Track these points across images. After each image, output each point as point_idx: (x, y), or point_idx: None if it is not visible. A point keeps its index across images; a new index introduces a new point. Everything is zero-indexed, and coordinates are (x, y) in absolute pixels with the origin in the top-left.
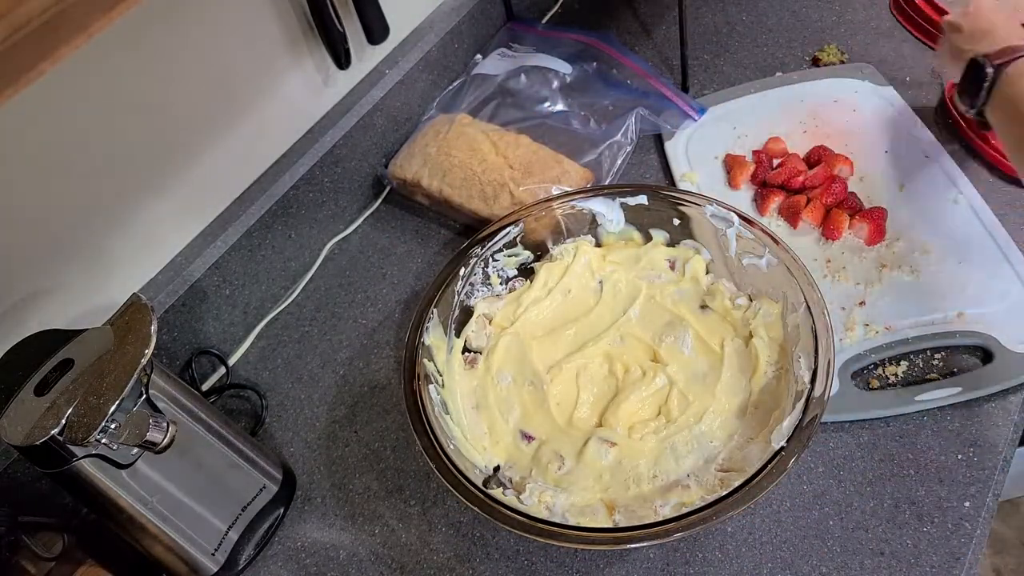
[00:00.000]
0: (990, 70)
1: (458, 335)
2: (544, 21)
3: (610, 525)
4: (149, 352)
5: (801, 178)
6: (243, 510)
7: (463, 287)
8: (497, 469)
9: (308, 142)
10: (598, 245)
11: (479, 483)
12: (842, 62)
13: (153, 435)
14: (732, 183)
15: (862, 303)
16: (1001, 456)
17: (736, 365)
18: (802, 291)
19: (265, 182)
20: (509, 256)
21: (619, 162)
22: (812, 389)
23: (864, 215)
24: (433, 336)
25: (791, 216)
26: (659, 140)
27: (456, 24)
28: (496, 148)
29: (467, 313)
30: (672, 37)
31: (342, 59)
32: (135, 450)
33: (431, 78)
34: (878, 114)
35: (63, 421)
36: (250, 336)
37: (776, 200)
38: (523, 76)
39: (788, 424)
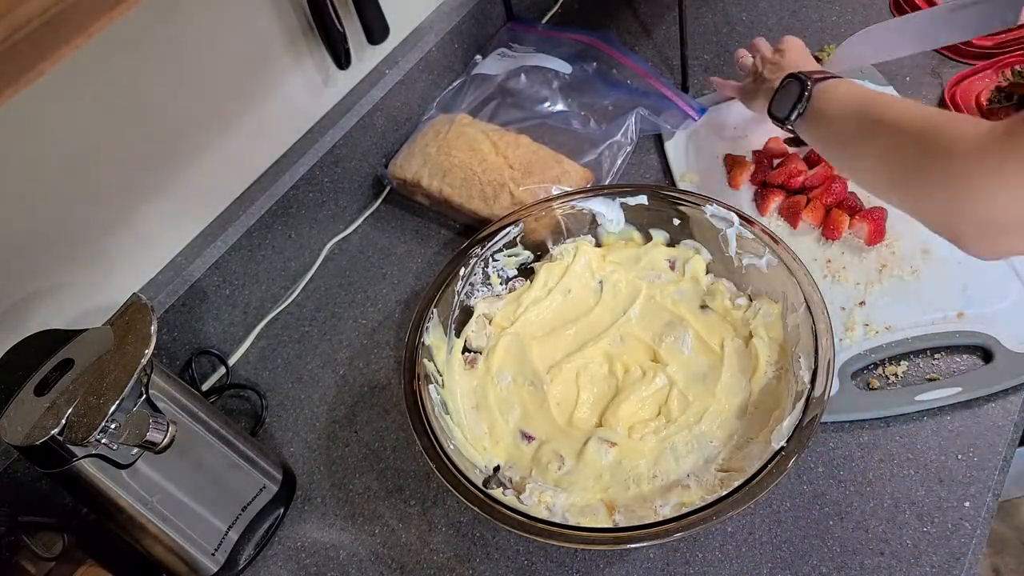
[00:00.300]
0: (809, 83)
1: (458, 335)
2: (544, 21)
3: (610, 525)
4: (149, 352)
5: (801, 178)
6: (243, 510)
7: (463, 287)
8: (497, 469)
9: (308, 142)
10: (598, 245)
11: (479, 483)
12: None
13: (153, 435)
14: (732, 183)
15: (862, 303)
16: (1001, 456)
17: (736, 365)
18: (802, 291)
19: (265, 182)
20: (509, 256)
21: (619, 162)
22: (812, 389)
23: (864, 215)
24: (433, 336)
25: (791, 216)
26: (659, 140)
27: (456, 24)
28: (496, 148)
29: (467, 313)
30: (672, 37)
31: (342, 59)
32: (135, 450)
33: (431, 78)
34: None
35: (63, 421)
36: (250, 336)
37: (776, 200)
38: (523, 76)
39: (788, 424)
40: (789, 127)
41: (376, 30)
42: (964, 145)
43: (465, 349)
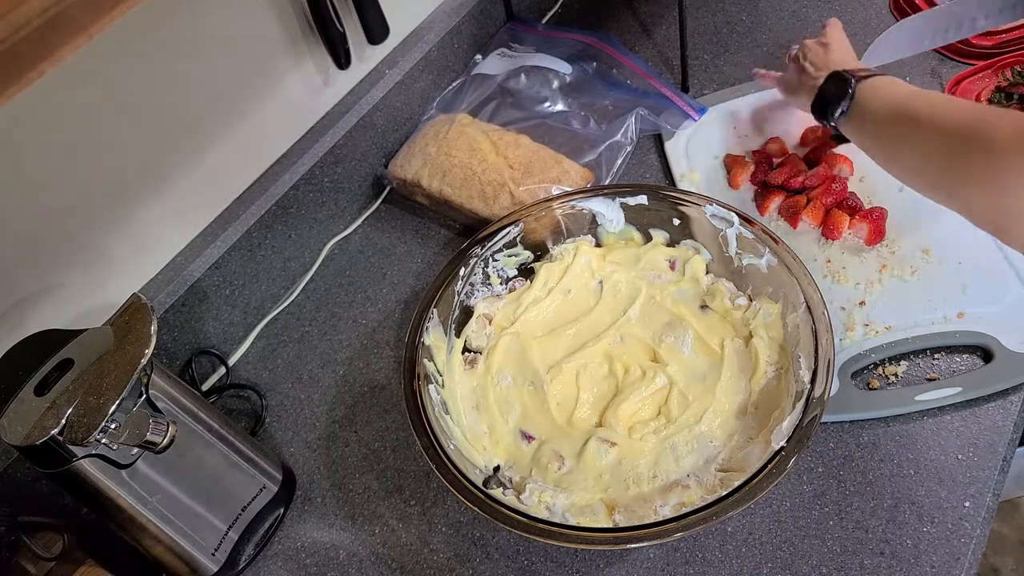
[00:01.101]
0: (853, 81)
1: (458, 335)
2: (544, 21)
3: (610, 525)
4: (149, 352)
5: (801, 178)
6: (243, 510)
7: (463, 287)
8: (497, 469)
9: (308, 142)
10: (598, 245)
11: (479, 483)
12: None
13: (153, 435)
14: (732, 183)
15: (862, 303)
16: (1001, 456)
17: (736, 365)
18: (802, 291)
19: (265, 182)
20: (509, 256)
21: (619, 162)
22: (812, 389)
23: (864, 215)
24: (433, 336)
25: (791, 216)
26: (659, 140)
27: (456, 24)
28: (496, 148)
29: (467, 313)
30: (672, 37)
31: (342, 59)
32: (135, 450)
33: (431, 78)
34: None
35: (63, 421)
36: (250, 336)
37: (776, 200)
38: (523, 76)
39: (788, 424)
40: (832, 125)
41: (376, 30)
42: (1006, 139)
43: (465, 349)
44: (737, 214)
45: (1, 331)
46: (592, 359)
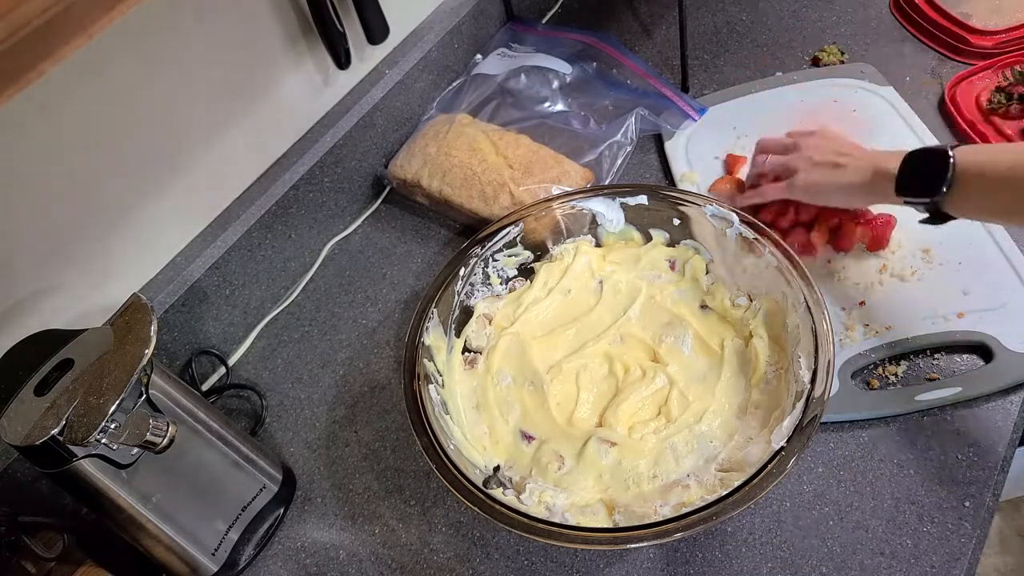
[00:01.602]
0: (951, 152)
1: (458, 335)
2: (544, 21)
3: (610, 525)
4: (149, 352)
5: (790, 215)
6: (243, 510)
7: (463, 287)
8: (497, 469)
9: (308, 142)
10: (598, 245)
11: (479, 483)
12: (842, 62)
13: (153, 435)
14: None
15: (862, 303)
16: (1001, 456)
17: (736, 365)
18: (802, 291)
19: (265, 182)
20: (509, 256)
21: (619, 162)
22: (812, 389)
23: (870, 222)
24: (433, 336)
25: (803, 247)
26: (659, 140)
27: (456, 24)
28: (496, 148)
29: (467, 313)
30: (672, 37)
31: (342, 59)
32: (135, 450)
33: (431, 78)
34: (878, 114)
35: (63, 421)
36: (250, 336)
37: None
38: (523, 76)
39: (788, 424)
40: (931, 206)
41: (376, 30)
42: None
43: (465, 349)
44: (737, 214)
45: (1, 331)
46: (592, 359)
